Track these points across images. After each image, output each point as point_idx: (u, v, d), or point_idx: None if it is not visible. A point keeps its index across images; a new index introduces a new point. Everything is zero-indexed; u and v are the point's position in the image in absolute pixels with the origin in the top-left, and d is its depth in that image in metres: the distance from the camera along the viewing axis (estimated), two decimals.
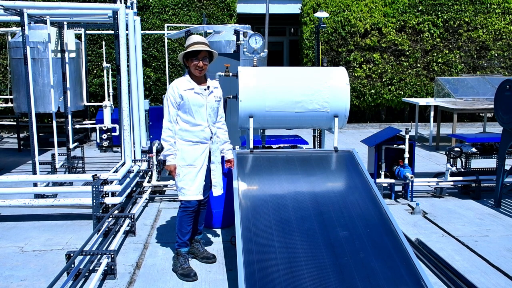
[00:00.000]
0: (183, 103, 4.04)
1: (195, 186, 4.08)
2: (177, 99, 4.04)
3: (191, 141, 4.08)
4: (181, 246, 4.15)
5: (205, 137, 4.12)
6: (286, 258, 3.43)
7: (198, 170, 4.09)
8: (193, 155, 4.08)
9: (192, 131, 4.07)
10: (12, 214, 5.65)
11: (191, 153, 4.08)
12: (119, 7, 6.00)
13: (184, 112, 4.06)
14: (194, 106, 4.04)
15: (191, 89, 4.05)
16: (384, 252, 3.54)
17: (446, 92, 10.41)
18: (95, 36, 12.42)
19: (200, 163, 4.10)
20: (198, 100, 4.06)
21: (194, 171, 4.08)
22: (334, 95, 4.79)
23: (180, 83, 4.09)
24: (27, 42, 5.83)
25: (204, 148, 4.12)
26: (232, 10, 13.23)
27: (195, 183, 4.08)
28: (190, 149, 4.08)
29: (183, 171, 4.08)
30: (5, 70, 12.38)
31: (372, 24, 13.06)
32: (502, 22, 13.27)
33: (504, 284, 3.91)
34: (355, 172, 4.47)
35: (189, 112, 4.04)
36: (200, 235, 4.46)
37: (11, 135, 11.83)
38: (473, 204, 6.08)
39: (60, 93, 8.22)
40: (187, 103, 4.03)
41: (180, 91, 4.03)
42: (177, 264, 4.11)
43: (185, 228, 4.15)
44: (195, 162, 4.08)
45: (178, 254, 4.15)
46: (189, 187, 4.07)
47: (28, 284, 3.92)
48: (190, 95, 4.03)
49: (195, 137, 4.08)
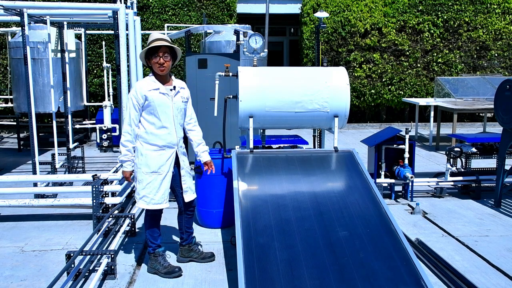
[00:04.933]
0: (148, 104, 3.84)
1: (159, 195, 3.93)
2: (140, 100, 3.84)
3: (157, 145, 3.90)
4: (155, 248, 4.08)
5: (171, 141, 3.93)
6: (286, 258, 3.42)
7: (163, 178, 3.92)
8: (158, 162, 3.90)
9: (157, 134, 3.89)
10: (12, 214, 5.65)
11: (156, 160, 3.90)
12: (119, 7, 6.00)
13: (149, 114, 3.87)
14: (160, 107, 3.86)
15: (155, 89, 3.87)
16: (384, 252, 3.54)
17: (446, 92, 10.41)
18: (95, 36, 12.42)
19: (165, 170, 3.93)
20: (164, 100, 3.88)
21: (159, 178, 3.91)
22: (334, 95, 4.79)
23: (144, 83, 3.91)
24: (27, 42, 5.83)
25: (170, 154, 3.94)
26: (232, 10, 13.23)
27: (159, 191, 3.92)
28: (155, 155, 3.90)
29: (146, 178, 3.91)
30: (5, 70, 12.38)
31: (372, 24, 13.06)
32: (502, 22, 13.27)
33: (504, 284, 3.91)
34: (355, 172, 4.47)
35: (155, 113, 3.86)
36: (194, 238, 4.35)
37: (11, 135, 11.84)
38: (473, 204, 6.08)
39: (60, 93, 8.22)
40: (152, 104, 3.84)
41: (143, 91, 3.84)
42: (157, 266, 4.03)
43: (156, 232, 4.07)
44: (160, 169, 3.91)
45: (154, 255, 4.06)
46: (153, 196, 3.91)
47: (28, 284, 3.91)
48: (155, 96, 3.85)
49: (161, 140, 3.90)
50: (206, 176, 5.02)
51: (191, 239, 4.32)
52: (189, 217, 4.26)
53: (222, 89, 5.30)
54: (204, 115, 7.49)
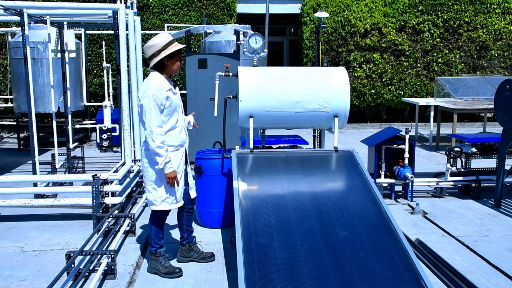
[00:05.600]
0: (169, 105, 3.82)
1: (179, 194, 3.99)
2: (164, 101, 3.77)
3: (173, 145, 3.90)
4: (158, 249, 4.10)
5: (183, 140, 4.00)
6: (286, 258, 3.42)
7: (181, 176, 3.99)
8: (176, 162, 3.93)
9: (173, 134, 3.91)
10: (12, 214, 5.65)
11: (175, 160, 3.91)
12: (119, 7, 6.00)
13: (167, 114, 3.84)
14: (177, 107, 3.91)
15: (170, 89, 3.87)
16: (384, 252, 3.54)
17: (446, 92, 10.41)
18: (95, 36, 12.42)
19: (182, 169, 4.00)
20: (177, 100, 3.93)
21: (178, 178, 3.95)
22: (334, 95, 4.79)
23: (162, 83, 3.83)
24: (27, 42, 5.83)
25: (183, 152, 4.01)
26: (232, 10, 13.23)
27: (179, 190, 3.98)
28: (173, 156, 3.90)
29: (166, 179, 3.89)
30: (5, 70, 12.38)
31: (372, 24, 13.06)
32: (502, 22, 13.27)
33: (504, 284, 3.91)
34: (355, 172, 4.47)
35: (173, 113, 3.87)
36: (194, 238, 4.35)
37: (11, 135, 11.84)
38: (473, 204, 6.08)
39: (60, 93, 8.22)
40: (172, 104, 3.84)
41: (164, 92, 3.80)
42: (157, 266, 4.04)
43: (161, 233, 4.11)
44: (178, 169, 3.94)
45: (156, 256, 4.07)
46: (174, 196, 3.95)
47: (28, 284, 3.91)
48: (172, 96, 3.86)
49: (177, 140, 3.93)
50: (206, 176, 5.03)
51: (191, 238, 4.33)
52: (189, 215, 4.29)
53: (222, 89, 5.30)
54: (204, 115, 7.49)
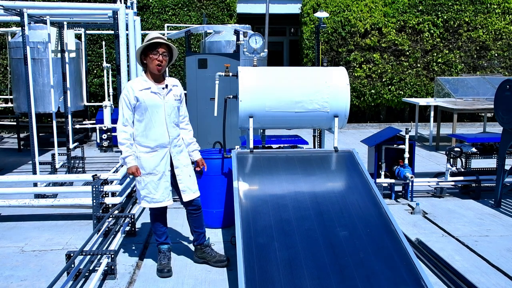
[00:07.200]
0: (139, 105, 3.83)
1: (159, 194, 3.96)
2: (132, 100, 3.83)
3: (149, 146, 3.90)
4: (159, 245, 4.15)
5: (163, 142, 3.93)
6: (286, 258, 3.42)
7: (160, 177, 3.94)
8: (152, 163, 3.92)
9: (149, 135, 3.89)
10: (12, 214, 5.65)
11: (149, 161, 3.91)
12: (119, 7, 6.00)
13: (141, 115, 3.86)
14: (151, 107, 3.84)
15: (147, 88, 3.85)
16: (384, 252, 3.53)
17: (446, 92, 10.41)
18: (95, 36, 12.42)
19: (161, 170, 3.94)
20: (155, 100, 3.86)
21: (155, 179, 3.93)
22: (334, 95, 4.79)
23: (135, 83, 3.89)
24: (27, 42, 5.83)
25: (163, 154, 3.94)
26: (232, 10, 13.23)
27: (158, 190, 3.95)
28: (148, 157, 3.91)
29: (144, 179, 3.94)
30: (5, 70, 12.38)
31: (372, 24, 13.06)
32: (502, 22, 13.27)
33: (504, 284, 3.90)
34: (355, 172, 4.47)
35: (146, 114, 3.85)
36: (206, 239, 4.28)
37: (11, 135, 11.84)
38: (473, 204, 6.08)
39: (60, 93, 8.22)
40: (143, 104, 3.83)
41: (135, 92, 3.82)
42: (158, 261, 4.15)
43: (159, 230, 4.13)
44: (155, 170, 3.92)
45: (159, 251, 4.18)
46: (153, 195, 3.95)
47: (28, 284, 3.91)
48: (146, 96, 3.83)
49: (153, 141, 3.90)
50: (206, 176, 5.02)
51: (201, 239, 4.24)
52: (195, 216, 4.19)
53: (222, 89, 5.30)
54: (204, 115, 7.49)
